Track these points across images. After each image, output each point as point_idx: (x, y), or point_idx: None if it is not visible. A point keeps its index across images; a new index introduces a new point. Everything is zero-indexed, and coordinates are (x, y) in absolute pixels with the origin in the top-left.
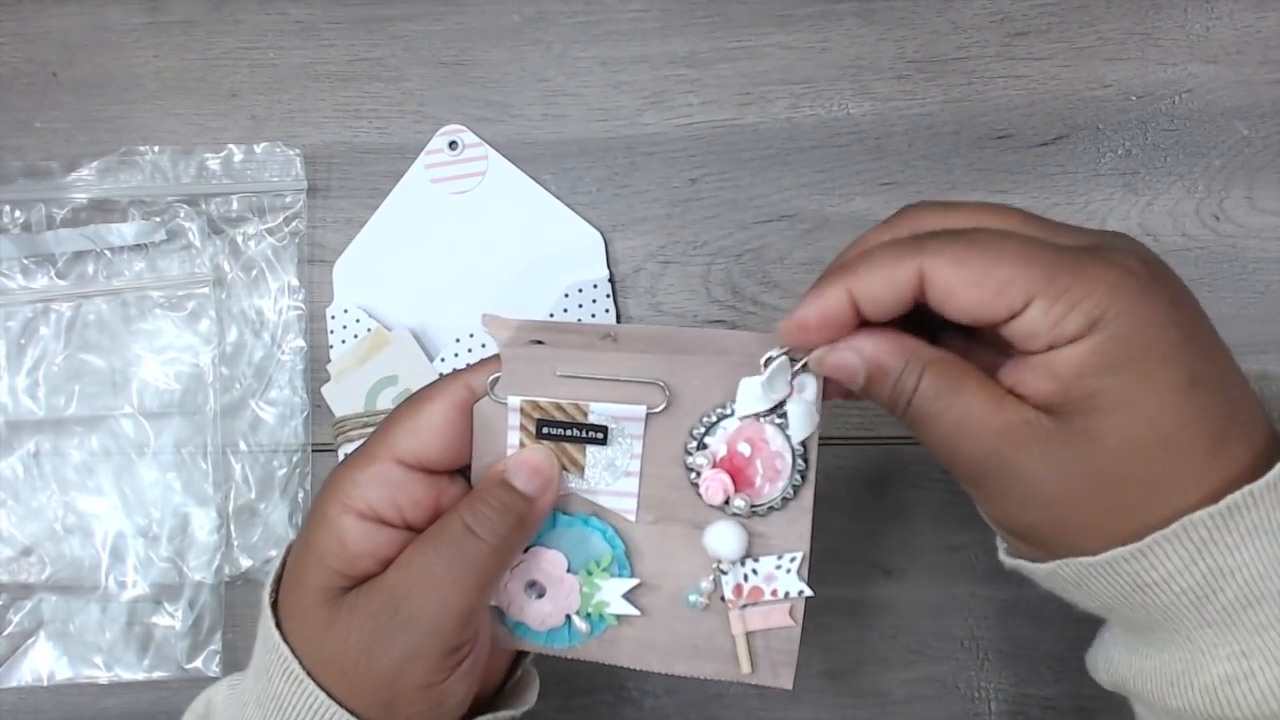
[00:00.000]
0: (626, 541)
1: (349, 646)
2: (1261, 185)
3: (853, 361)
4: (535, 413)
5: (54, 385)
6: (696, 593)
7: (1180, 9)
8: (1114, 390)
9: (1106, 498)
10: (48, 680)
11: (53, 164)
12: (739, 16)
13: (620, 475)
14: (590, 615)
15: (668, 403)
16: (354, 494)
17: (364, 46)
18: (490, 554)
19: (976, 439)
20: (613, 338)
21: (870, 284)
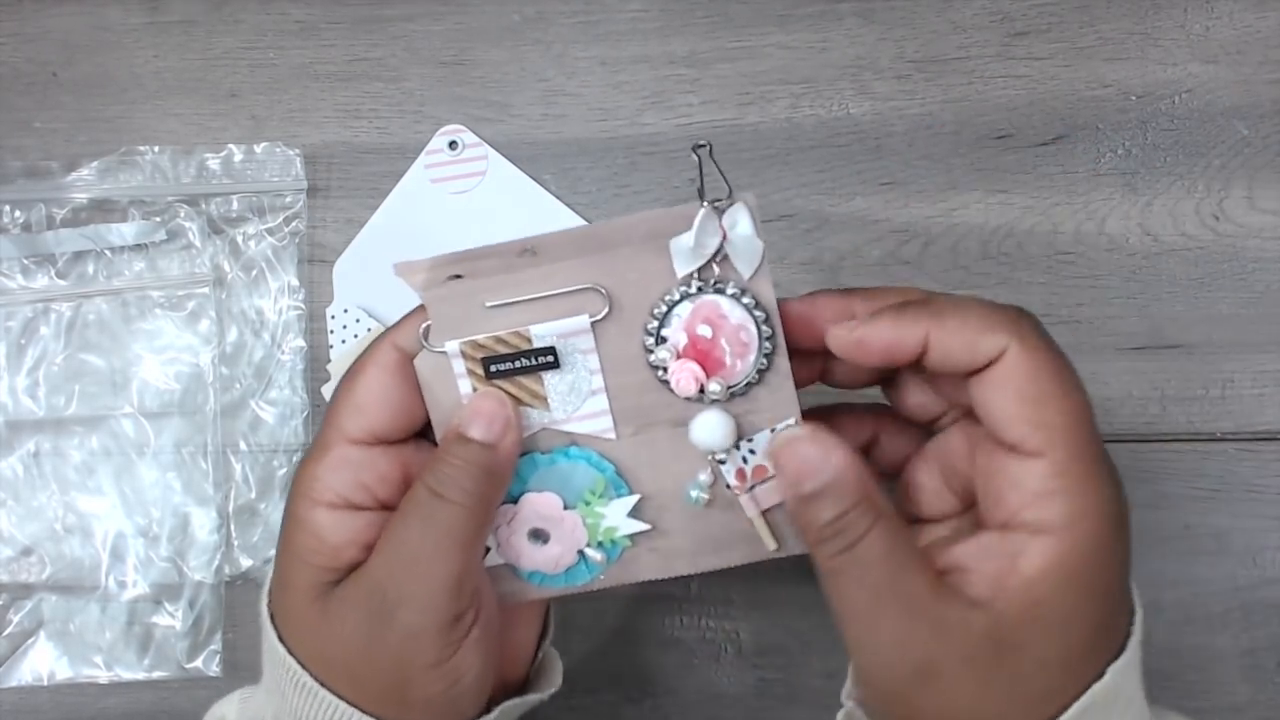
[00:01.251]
0: (615, 461)
1: (347, 641)
2: (1261, 185)
3: (819, 466)
4: (477, 353)
5: (54, 385)
6: (697, 488)
7: (1180, 9)
8: (1060, 608)
9: (1018, 711)
10: (48, 680)
11: (53, 164)
12: (739, 16)
13: (585, 396)
14: (602, 544)
15: (610, 306)
16: (318, 486)
17: (364, 46)
18: (464, 515)
19: (909, 626)
20: (531, 250)
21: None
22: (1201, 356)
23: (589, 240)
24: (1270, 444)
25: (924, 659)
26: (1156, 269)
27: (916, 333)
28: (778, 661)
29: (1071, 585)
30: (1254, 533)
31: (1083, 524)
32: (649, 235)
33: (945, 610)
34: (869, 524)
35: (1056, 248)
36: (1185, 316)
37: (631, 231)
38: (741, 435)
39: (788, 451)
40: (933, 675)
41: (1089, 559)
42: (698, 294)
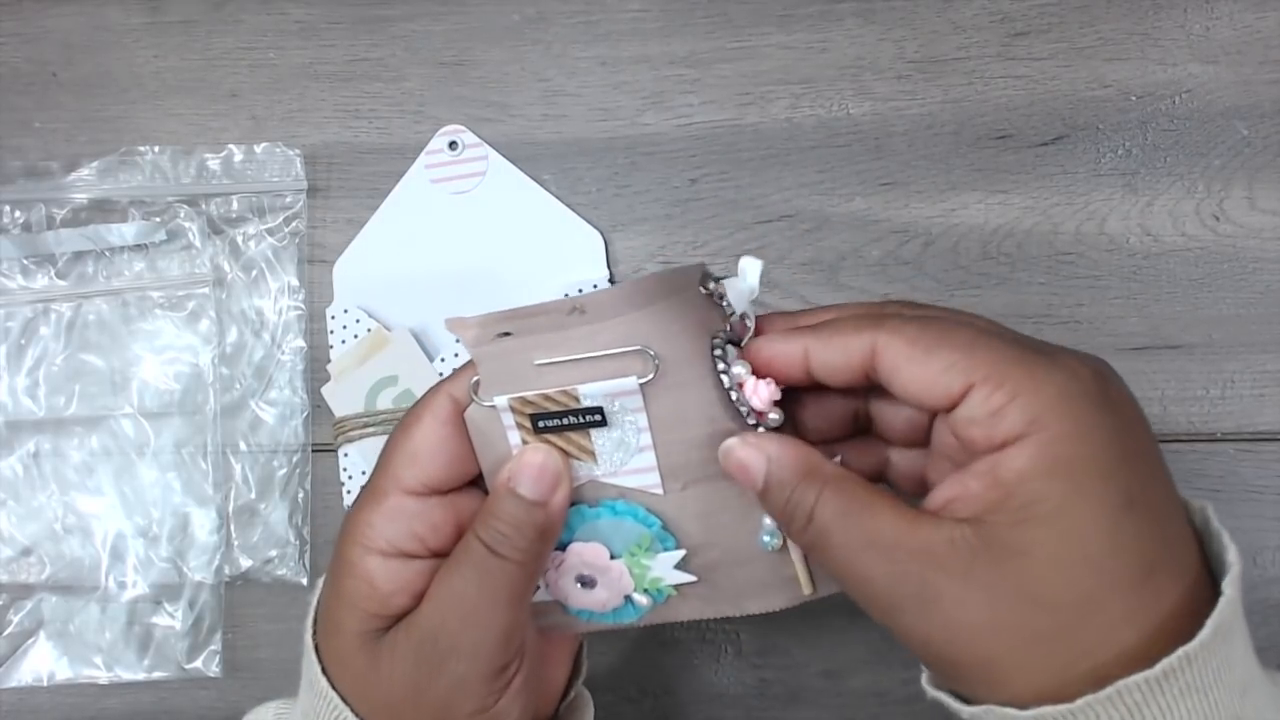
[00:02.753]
0: (661, 515)
1: (394, 686)
2: (1261, 185)
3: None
4: (526, 408)
5: (54, 385)
6: (768, 533)
7: (1180, 9)
8: (1053, 499)
9: (1032, 623)
10: (48, 680)
11: (53, 164)
12: (739, 16)
13: (634, 452)
14: (648, 590)
15: (658, 366)
16: (371, 534)
17: (364, 46)
18: (518, 571)
19: (890, 561)
20: (580, 310)
21: (827, 349)
22: (1201, 356)
23: (636, 295)
24: (1270, 444)
25: (918, 585)
26: (1156, 269)
27: (795, 348)
28: (778, 661)
29: (1061, 477)
30: (1254, 533)
31: (1048, 415)
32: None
33: (927, 534)
34: (816, 493)
35: (1056, 248)
36: (1185, 316)
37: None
38: None
39: (729, 463)
40: (932, 599)
41: (1074, 443)
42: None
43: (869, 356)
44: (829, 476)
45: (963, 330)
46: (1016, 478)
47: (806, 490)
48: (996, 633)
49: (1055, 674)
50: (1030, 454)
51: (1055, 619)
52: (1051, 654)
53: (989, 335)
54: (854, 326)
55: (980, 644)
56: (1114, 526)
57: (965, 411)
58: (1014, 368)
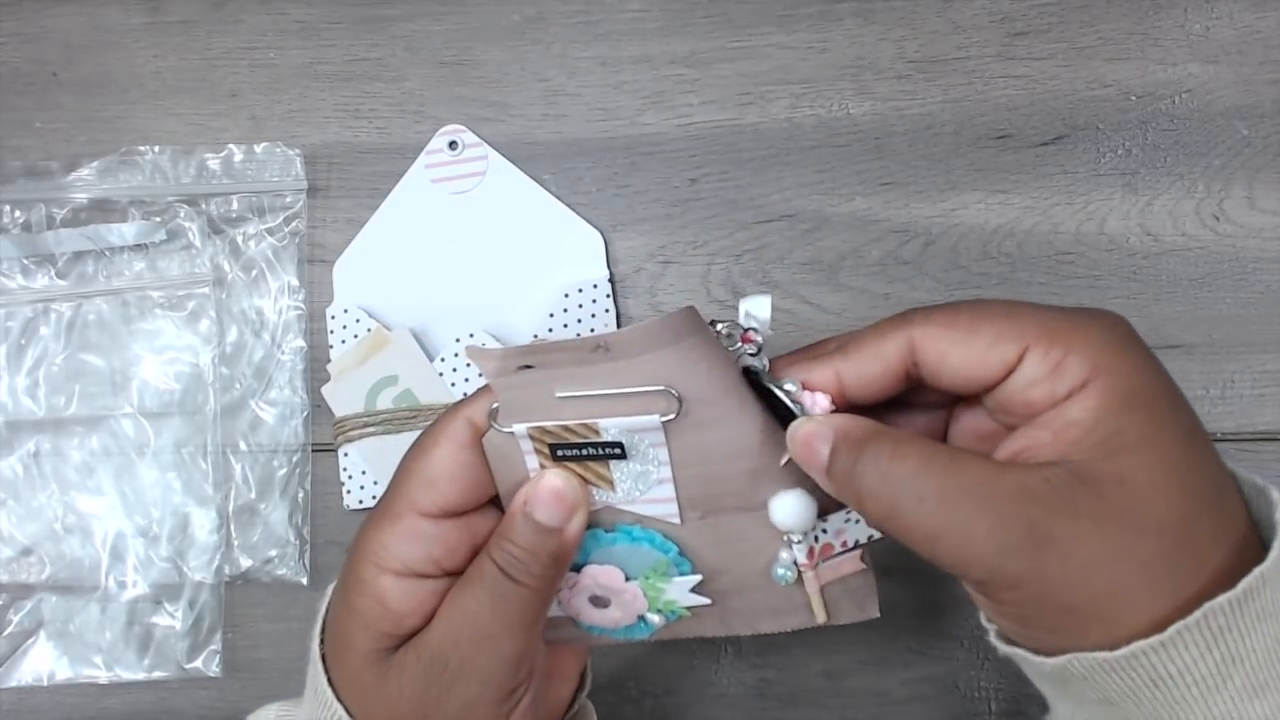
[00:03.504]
0: (678, 542)
1: (402, 705)
2: (1261, 185)
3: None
4: (546, 438)
5: (54, 385)
6: (784, 567)
7: (1180, 9)
8: (1136, 427)
9: (1144, 548)
10: (48, 680)
11: (53, 164)
12: (739, 16)
13: (653, 484)
14: (661, 610)
15: (680, 406)
16: (385, 555)
17: (364, 46)
18: (530, 595)
19: (992, 506)
20: (605, 347)
21: (859, 363)
22: (1201, 356)
23: (662, 333)
24: (1270, 444)
25: (1026, 526)
26: (1156, 269)
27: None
28: (778, 661)
29: (1137, 409)
30: None
31: (1108, 358)
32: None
33: (1021, 478)
34: (890, 447)
35: (1056, 248)
36: (1185, 316)
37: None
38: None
39: (794, 444)
40: (1044, 538)
41: (1139, 379)
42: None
43: (907, 355)
44: (900, 435)
45: (993, 303)
46: (1093, 416)
47: (880, 447)
48: (1114, 562)
49: (1168, 599)
50: (1101, 392)
51: (1162, 542)
52: (1164, 578)
53: (1019, 302)
54: (879, 333)
55: (1100, 577)
56: (1189, 450)
57: (1023, 375)
58: (1059, 324)
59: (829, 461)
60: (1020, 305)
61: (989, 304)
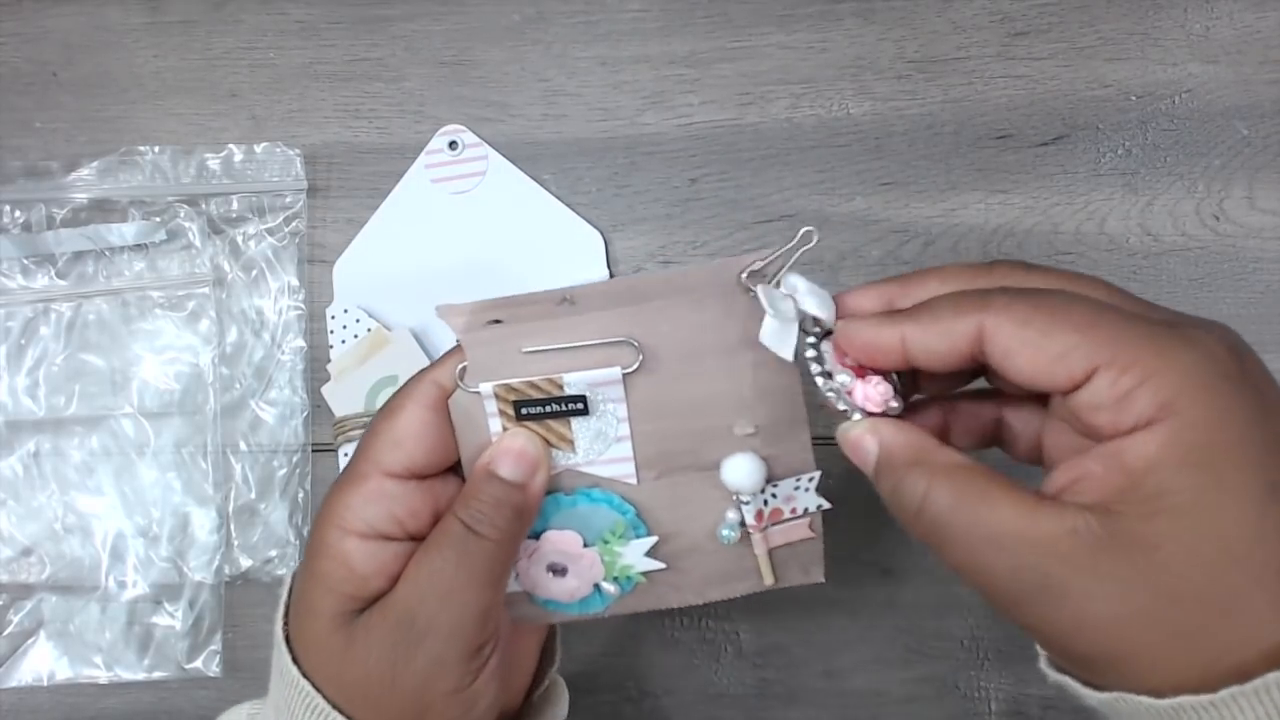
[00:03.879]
0: (635, 504)
1: (370, 668)
2: (1261, 185)
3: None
4: (510, 395)
5: (54, 385)
6: (729, 527)
7: (1180, 9)
8: (1188, 490)
9: (1171, 619)
10: (48, 680)
11: (53, 164)
12: (739, 16)
13: (611, 442)
14: (617, 578)
15: (642, 358)
16: (350, 516)
17: (364, 46)
18: (495, 549)
19: (1013, 554)
20: (570, 300)
21: (926, 335)
22: None
23: (625, 292)
24: None
25: (1041, 579)
26: (1156, 269)
27: (892, 334)
28: (778, 661)
29: (1196, 467)
30: None
31: (1182, 399)
32: (683, 289)
33: (1049, 525)
34: (925, 483)
35: (1056, 248)
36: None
37: (666, 285)
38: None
39: (845, 442)
40: (1058, 593)
41: (1204, 433)
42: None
43: (975, 341)
44: (940, 466)
45: (1079, 305)
46: (1146, 466)
47: (917, 480)
48: (1131, 626)
49: (1196, 669)
50: (1162, 441)
51: (1195, 615)
52: (1192, 649)
53: (1110, 310)
54: (955, 308)
55: (1112, 638)
56: (1258, 517)
57: (1089, 396)
58: (1142, 347)
59: (874, 471)
60: (1108, 312)
61: (1075, 305)
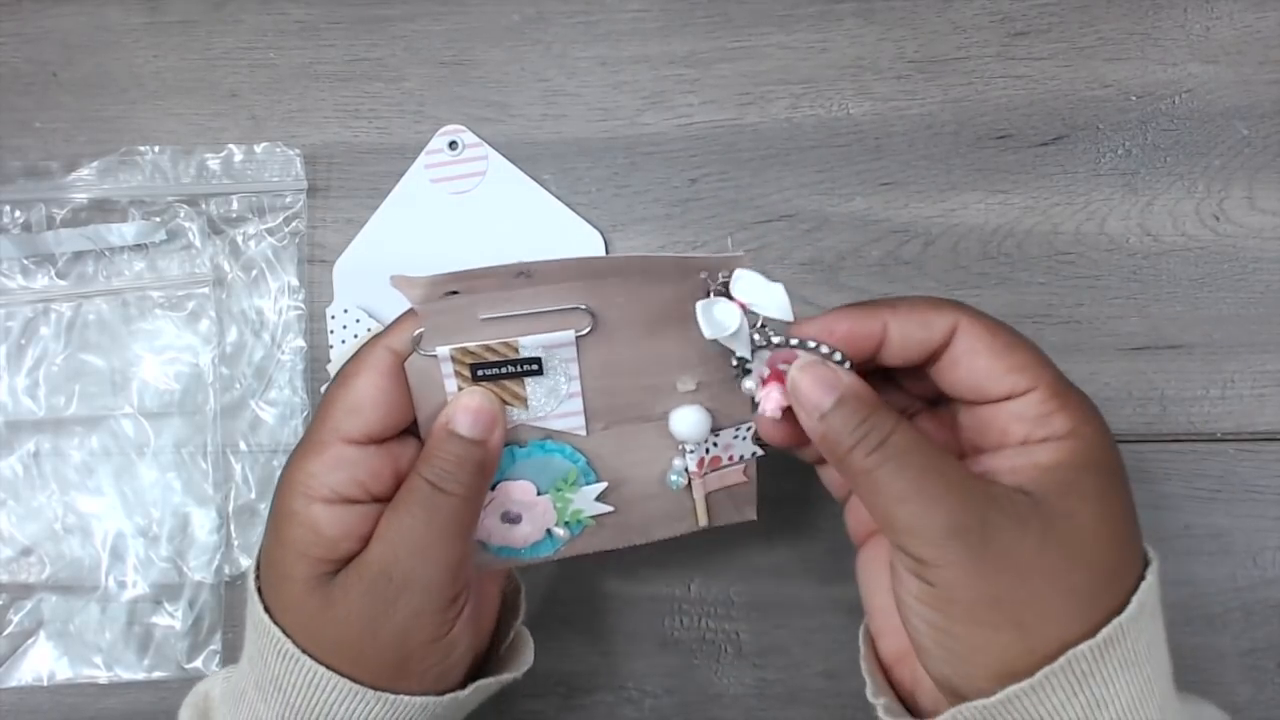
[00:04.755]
0: (586, 453)
1: (350, 625)
2: (1261, 185)
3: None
4: (467, 359)
5: (54, 385)
6: (676, 473)
7: (1180, 9)
8: (1090, 484)
9: (1072, 576)
10: (48, 680)
11: (53, 164)
12: (739, 16)
13: (564, 399)
14: (568, 523)
15: (594, 324)
16: (314, 483)
17: (364, 46)
18: (462, 504)
19: (960, 492)
20: (527, 274)
21: (907, 324)
22: (1201, 356)
23: (583, 268)
24: (1270, 444)
25: (979, 519)
26: (1156, 269)
27: (875, 322)
28: (778, 661)
29: (1094, 471)
30: (1254, 533)
31: (1085, 428)
32: (640, 272)
33: (988, 485)
34: (894, 421)
35: (1056, 248)
36: (1185, 316)
37: (624, 267)
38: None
39: (806, 377)
40: (994, 535)
41: (1101, 454)
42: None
43: (948, 335)
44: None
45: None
46: (1058, 463)
47: (886, 417)
48: (1046, 577)
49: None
50: (1072, 450)
51: (1091, 579)
52: (1085, 608)
53: (1043, 354)
54: (935, 305)
55: (1030, 584)
56: (1127, 520)
57: (1017, 408)
58: (1062, 384)
59: (829, 408)
60: (1045, 357)
61: (1024, 340)
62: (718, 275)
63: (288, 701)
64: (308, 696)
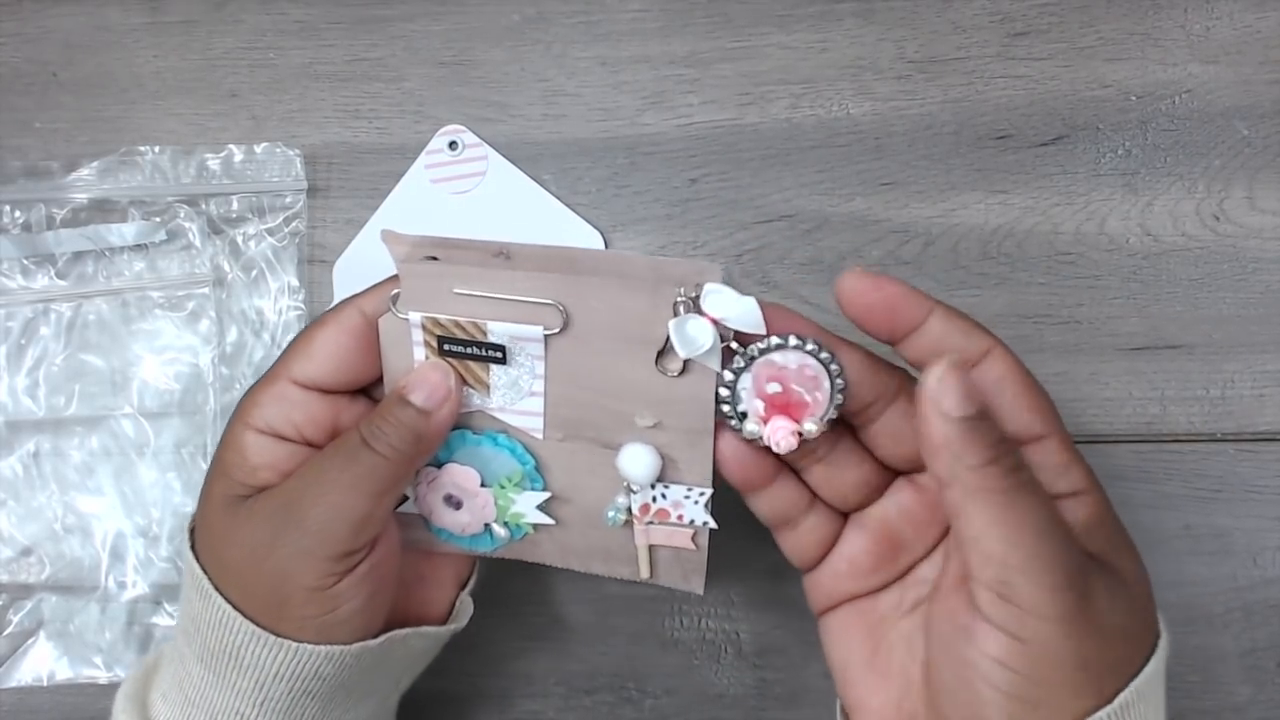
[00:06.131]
0: (536, 457)
1: (244, 548)
2: (1261, 185)
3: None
4: (436, 329)
5: (54, 385)
6: (615, 509)
7: (1180, 9)
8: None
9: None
10: (48, 680)
11: (53, 164)
12: (739, 16)
13: (525, 395)
14: (508, 524)
15: (565, 324)
16: (254, 412)
17: (364, 46)
18: (385, 465)
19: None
20: (506, 255)
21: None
22: (1201, 356)
23: (563, 260)
24: (1270, 444)
25: (1085, 573)
26: (1156, 269)
27: (924, 305)
28: (778, 661)
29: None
30: (1254, 533)
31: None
32: (617, 273)
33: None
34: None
35: (1056, 248)
36: (1185, 316)
37: (604, 265)
38: (661, 478)
39: (953, 374)
40: (1090, 589)
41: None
42: (748, 365)
43: (981, 356)
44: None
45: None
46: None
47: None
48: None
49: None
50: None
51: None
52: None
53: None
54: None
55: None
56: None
57: (1035, 456)
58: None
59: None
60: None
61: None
62: (692, 287)
63: (204, 642)
64: (219, 636)
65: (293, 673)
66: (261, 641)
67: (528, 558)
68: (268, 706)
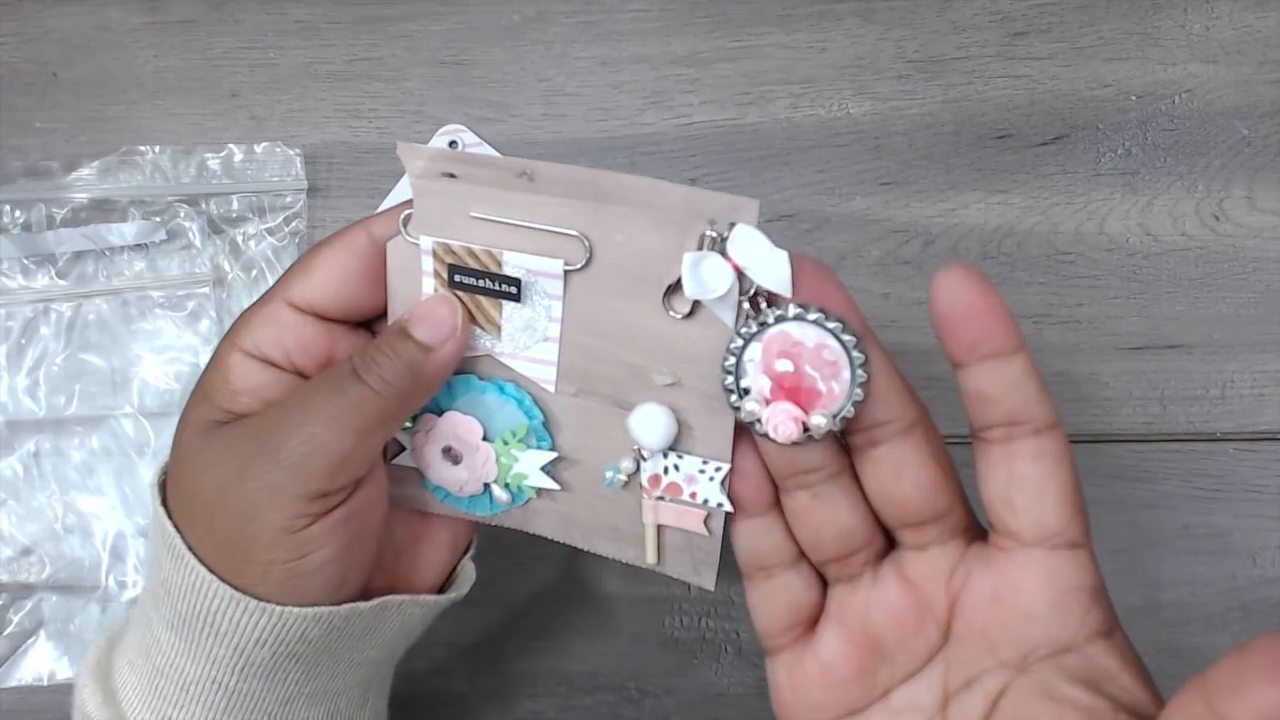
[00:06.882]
0: (545, 412)
1: (213, 478)
2: (1261, 185)
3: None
4: (448, 257)
5: (54, 385)
6: (614, 469)
7: (1180, 9)
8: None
9: None
10: (48, 680)
11: (53, 164)
12: (739, 16)
13: (539, 339)
14: (509, 486)
15: (588, 259)
16: (244, 333)
17: (364, 46)
18: (374, 400)
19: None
20: (530, 176)
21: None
22: (1201, 356)
23: (589, 185)
24: (1270, 444)
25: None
26: (1156, 269)
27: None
28: None
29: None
30: (1254, 533)
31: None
32: (646, 204)
33: None
34: None
35: (1056, 248)
36: (1185, 316)
37: (631, 193)
38: (675, 447)
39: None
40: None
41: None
42: (760, 331)
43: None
44: None
45: None
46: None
47: None
48: None
49: None
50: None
51: None
52: None
53: None
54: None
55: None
56: None
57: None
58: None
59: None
60: None
61: None
62: (726, 226)
63: (174, 607)
64: (192, 602)
65: (276, 636)
66: (240, 606)
67: (527, 528)
68: (248, 672)
